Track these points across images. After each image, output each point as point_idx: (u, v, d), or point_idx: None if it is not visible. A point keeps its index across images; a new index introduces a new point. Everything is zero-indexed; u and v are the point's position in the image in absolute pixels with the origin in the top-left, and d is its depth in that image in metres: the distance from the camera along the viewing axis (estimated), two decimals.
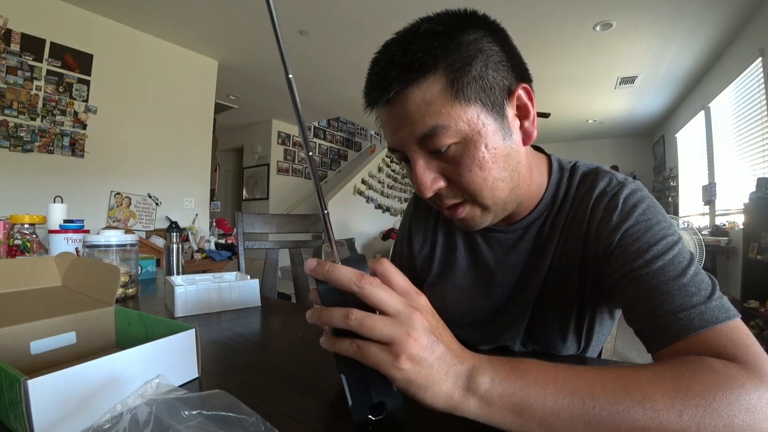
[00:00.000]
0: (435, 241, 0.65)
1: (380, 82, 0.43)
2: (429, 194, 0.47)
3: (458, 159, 0.45)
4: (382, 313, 0.31)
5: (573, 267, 0.52)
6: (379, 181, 6.91)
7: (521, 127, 0.48)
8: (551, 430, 0.31)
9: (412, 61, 0.41)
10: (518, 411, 0.31)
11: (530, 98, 0.47)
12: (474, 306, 0.61)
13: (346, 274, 0.31)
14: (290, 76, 0.30)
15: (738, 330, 0.37)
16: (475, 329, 0.61)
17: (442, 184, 0.47)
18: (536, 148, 0.58)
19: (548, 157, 0.58)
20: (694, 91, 4.64)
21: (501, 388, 0.31)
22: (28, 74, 2.76)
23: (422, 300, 0.34)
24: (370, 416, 0.34)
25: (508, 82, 0.45)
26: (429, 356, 0.31)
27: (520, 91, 0.46)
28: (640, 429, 0.29)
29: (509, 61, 0.45)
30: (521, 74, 0.47)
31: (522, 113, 0.47)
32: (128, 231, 1.08)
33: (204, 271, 2.49)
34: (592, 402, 0.30)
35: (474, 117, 0.43)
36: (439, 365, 0.31)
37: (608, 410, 0.30)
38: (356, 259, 0.33)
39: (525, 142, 0.49)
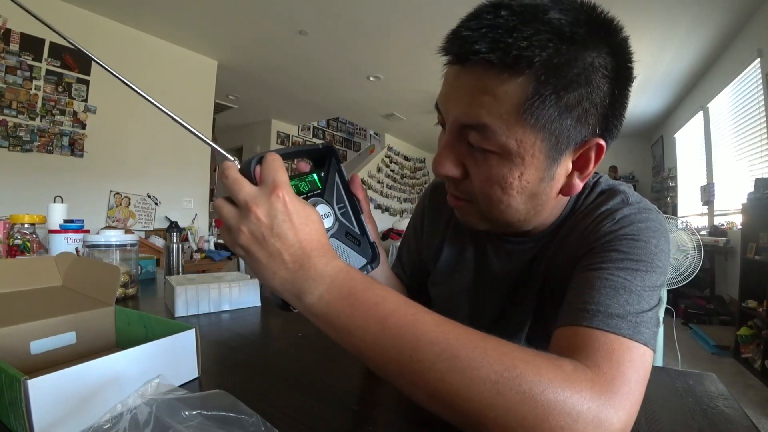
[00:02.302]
0: (444, 240, 0.65)
1: (465, 41, 0.35)
2: (440, 176, 0.45)
3: (487, 167, 0.41)
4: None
5: (567, 277, 0.51)
6: (379, 181, 6.91)
7: (569, 176, 0.42)
8: (364, 358, 0.31)
9: (512, 46, 0.34)
10: (336, 333, 0.32)
11: (598, 157, 0.41)
12: (477, 310, 0.61)
13: (224, 167, 0.35)
14: None
15: (627, 352, 0.32)
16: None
17: (457, 174, 0.43)
18: None
19: None
20: (692, 91, 4.64)
21: (327, 308, 0.32)
22: (27, 74, 2.75)
23: (277, 196, 0.33)
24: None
25: (585, 133, 0.39)
26: (257, 251, 0.33)
27: (592, 146, 0.40)
28: (452, 392, 0.29)
29: (608, 109, 0.39)
30: (606, 128, 0.40)
31: (579, 165, 0.42)
32: (128, 231, 1.08)
33: (203, 271, 2.49)
34: (414, 352, 0.29)
35: (528, 142, 0.38)
36: (267, 262, 0.33)
37: (423, 365, 0.29)
38: (248, 160, 0.37)
39: (563, 192, 0.44)
